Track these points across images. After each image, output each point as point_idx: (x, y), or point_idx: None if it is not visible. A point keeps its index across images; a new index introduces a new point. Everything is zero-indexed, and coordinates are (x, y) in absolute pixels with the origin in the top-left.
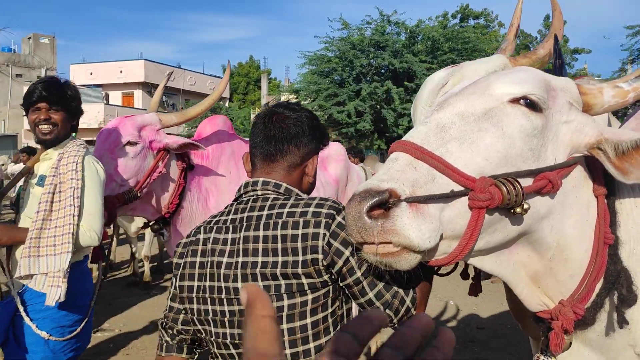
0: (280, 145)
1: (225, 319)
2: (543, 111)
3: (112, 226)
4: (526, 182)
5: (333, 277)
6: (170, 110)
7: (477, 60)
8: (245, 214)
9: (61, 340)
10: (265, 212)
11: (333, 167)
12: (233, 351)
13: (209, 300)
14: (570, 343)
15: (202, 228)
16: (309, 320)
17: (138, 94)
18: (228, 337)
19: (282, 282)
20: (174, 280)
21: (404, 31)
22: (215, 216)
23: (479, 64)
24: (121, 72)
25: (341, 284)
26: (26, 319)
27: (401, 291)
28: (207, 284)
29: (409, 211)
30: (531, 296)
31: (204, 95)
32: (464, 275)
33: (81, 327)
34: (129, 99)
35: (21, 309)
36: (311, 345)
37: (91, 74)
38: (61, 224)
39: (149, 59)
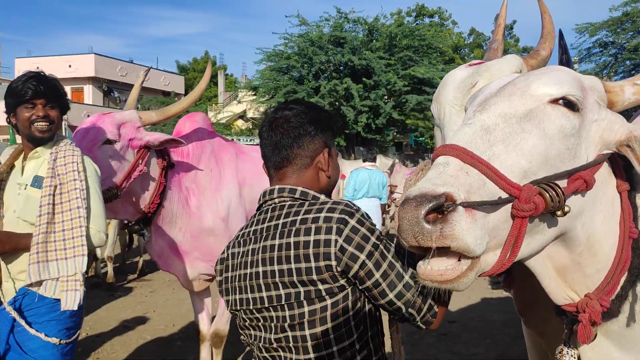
0: (285, 151)
1: (260, 324)
2: (580, 111)
3: None
4: (562, 182)
5: (350, 281)
6: (122, 107)
7: (498, 60)
8: (265, 224)
9: (69, 342)
10: (281, 221)
11: None
12: (266, 354)
13: (242, 312)
14: (596, 335)
15: (232, 242)
16: (329, 324)
17: (88, 90)
18: (261, 340)
19: (301, 289)
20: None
21: (362, 28)
22: (242, 229)
23: (504, 64)
24: (70, 66)
25: (360, 287)
26: (31, 331)
27: (423, 289)
28: (237, 297)
29: (466, 216)
30: (558, 289)
31: (157, 92)
32: None
33: (80, 329)
34: (78, 94)
35: (23, 322)
36: (334, 348)
37: (37, 68)
38: (69, 226)
39: (100, 53)
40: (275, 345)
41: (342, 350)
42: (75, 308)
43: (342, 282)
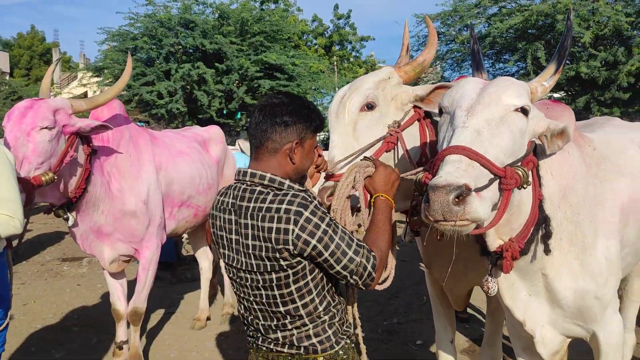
0: (261, 133)
1: (241, 281)
2: (529, 115)
3: None
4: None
5: (306, 257)
6: None
7: (363, 76)
8: (238, 202)
9: None
10: (251, 204)
11: (214, 149)
12: (246, 304)
13: (228, 266)
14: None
15: (214, 205)
16: (293, 287)
17: None
18: (242, 292)
19: (267, 262)
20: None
21: (213, 12)
22: (220, 194)
23: (368, 76)
24: None
25: (314, 262)
26: None
27: (363, 260)
28: (224, 251)
29: (477, 198)
30: (493, 239)
31: None
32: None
33: (7, 321)
34: None
35: None
36: (299, 303)
37: None
38: None
39: None
40: (252, 299)
41: (305, 305)
42: None
43: (299, 258)
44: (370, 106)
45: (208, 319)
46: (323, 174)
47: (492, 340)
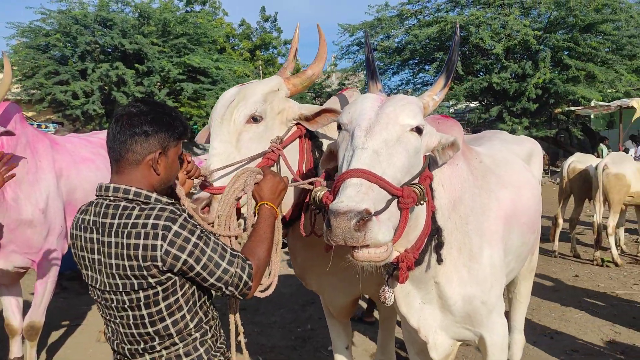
0: (119, 145)
1: (105, 303)
2: (422, 132)
3: None
4: (416, 181)
5: (177, 273)
6: None
7: (256, 81)
8: (100, 219)
9: None
10: (115, 221)
11: None
12: (113, 327)
13: (91, 287)
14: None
15: (73, 224)
16: (162, 304)
17: None
18: (108, 315)
19: (134, 281)
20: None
21: (132, 11)
22: (80, 212)
23: (258, 85)
24: None
25: (186, 277)
26: None
27: (238, 270)
28: (87, 272)
29: (377, 222)
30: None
31: None
32: None
33: None
34: None
35: None
36: (168, 321)
37: None
38: None
39: None
40: (118, 321)
41: (175, 322)
42: None
43: (168, 274)
44: (256, 119)
45: None
46: (196, 180)
47: (385, 346)
